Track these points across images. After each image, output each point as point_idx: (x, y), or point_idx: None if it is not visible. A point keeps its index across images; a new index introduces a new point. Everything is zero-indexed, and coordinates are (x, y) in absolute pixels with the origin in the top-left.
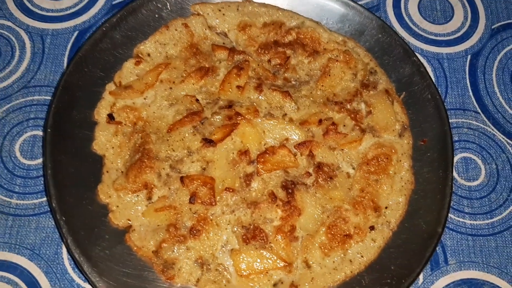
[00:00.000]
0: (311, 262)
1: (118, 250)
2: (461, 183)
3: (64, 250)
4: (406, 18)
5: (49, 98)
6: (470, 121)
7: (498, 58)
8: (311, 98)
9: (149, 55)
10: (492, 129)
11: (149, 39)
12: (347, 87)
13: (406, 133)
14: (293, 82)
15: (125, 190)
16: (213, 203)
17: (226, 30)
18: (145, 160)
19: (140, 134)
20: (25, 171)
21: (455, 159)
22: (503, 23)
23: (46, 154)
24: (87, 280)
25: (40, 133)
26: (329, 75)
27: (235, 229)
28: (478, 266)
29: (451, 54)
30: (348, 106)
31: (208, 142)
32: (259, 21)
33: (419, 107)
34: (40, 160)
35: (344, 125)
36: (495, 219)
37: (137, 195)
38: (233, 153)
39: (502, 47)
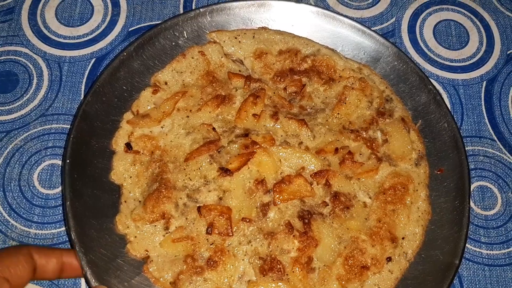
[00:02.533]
0: None
1: (136, 281)
2: (478, 212)
3: (83, 281)
4: (422, 44)
5: (67, 126)
6: (486, 149)
7: None
8: (327, 126)
9: (166, 83)
10: (509, 157)
11: (166, 67)
12: (363, 114)
13: (422, 162)
14: (309, 110)
15: (143, 221)
16: (230, 234)
17: (242, 57)
18: (163, 190)
19: (157, 163)
20: (43, 200)
21: (472, 187)
22: None
23: (65, 185)
24: None
25: (58, 162)
26: (345, 103)
27: (252, 260)
28: None
29: (467, 80)
30: (364, 134)
31: (225, 171)
32: (274, 49)
33: (435, 135)
34: (58, 190)
35: (361, 154)
36: (511, 249)
37: (155, 225)
38: (249, 182)
39: None
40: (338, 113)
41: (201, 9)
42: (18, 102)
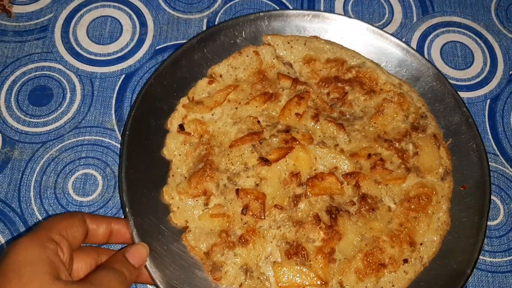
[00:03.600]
0: (345, 285)
1: (174, 247)
2: None
3: None
4: None
5: (99, 138)
6: (490, 163)
7: None
8: (363, 133)
9: (221, 76)
10: (510, 171)
11: (223, 62)
12: (398, 127)
13: (448, 177)
14: (348, 116)
15: (186, 194)
16: (262, 217)
17: (292, 61)
18: (207, 170)
19: (205, 146)
20: (77, 207)
21: None
22: None
23: (122, 155)
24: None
25: (91, 171)
26: (382, 114)
27: (280, 243)
28: None
29: (472, 99)
30: (397, 145)
31: (264, 161)
32: (323, 57)
33: (463, 154)
34: (91, 197)
35: (391, 162)
36: None
37: (196, 200)
38: (285, 174)
39: None
40: (375, 122)
41: (260, 13)
42: (53, 115)
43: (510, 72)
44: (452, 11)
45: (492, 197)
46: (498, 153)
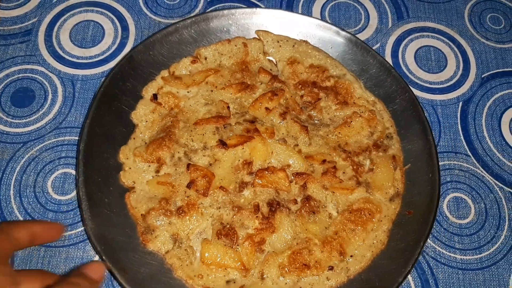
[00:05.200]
0: (266, 276)
1: (116, 202)
2: (453, 221)
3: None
4: (404, 68)
5: (79, 138)
6: (461, 163)
7: (488, 104)
8: (325, 140)
9: (206, 58)
10: (482, 171)
11: (211, 46)
12: (360, 141)
13: (396, 199)
14: (315, 121)
15: (141, 158)
16: (205, 195)
17: (277, 59)
18: (166, 140)
19: (171, 118)
20: (56, 205)
21: (447, 198)
22: (492, 72)
23: (91, 107)
24: (81, 216)
25: (71, 171)
26: (349, 126)
27: (214, 222)
28: None
29: (444, 101)
30: (355, 158)
31: (222, 144)
32: (307, 61)
33: (418, 182)
34: (70, 196)
35: (344, 172)
36: (483, 254)
37: (149, 166)
38: (239, 160)
39: (491, 95)
40: (339, 132)
41: (257, 9)
42: (34, 116)
43: (483, 76)
44: (427, 17)
45: (464, 196)
46: (470, 154)
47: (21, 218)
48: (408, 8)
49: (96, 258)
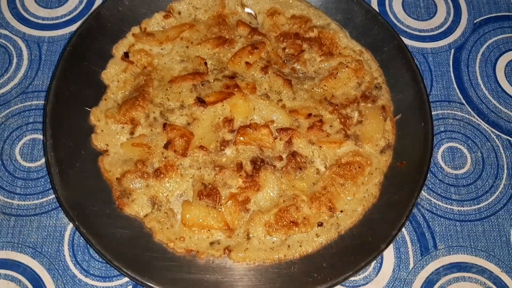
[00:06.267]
0: (251, 235)
1: (88, 166)
2: (448, 172)
3: (66, 247)
4: (391, 15)
5: (45, 101)
6: (455, 112)
7: (481, 51)
8: (310, 93)
9: (179, 13)
10: (477, 119)
11: None
12: (348, 93)
13: (388, 151)
14: (299, 75)
15: (113, 119)
16: (184, 155)
17: (256, 11)
18: (140, 99)
19: (145, 77)
20: (25, 173)
21: (442, 148)
22: (485, 17)
23: (57, 68)
24: (51, 183)
25: (39, 136)
26: (335, 78)
27: (195, 183)
28: (467, 250)
29: (435, 49)
30: (342, 111)
31: (201, 101)
32: (288, 12)
33: (410, 132)
34: (40, 162)
35: (331, 126)
36: (481, 205)
37: (122, 127)
38: (219, 118)
39: (484, 41)
40: (325, 85)
41: None
42: None
43: (475, 21)
44: None
45: (459, 145)
46: (464, 102)
47: None
48: None
49: (70, 225)
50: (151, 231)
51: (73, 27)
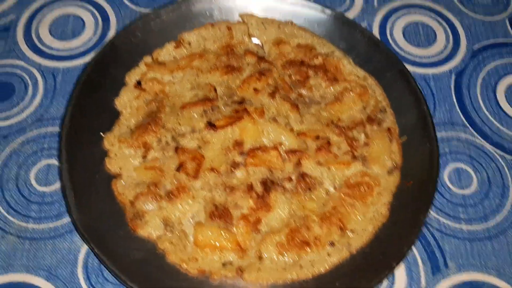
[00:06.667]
0: (264, 255)
1: (102, 190)
2: (455, 192)
3: (80, 270)
4: (393, 44)
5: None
6: (459, 134)
7: (481, 75)
8: (317, 117)
9: (189, 43)
10: (481, 141)
11: (194, 30)
12: (354, 116)
13: (395, 172)
14: (306, 100)
15: (127, 143)
16: (196, 177)
17: (263, 41)
18: (152, 124)
19: (157, 104)
20: (40, 197)
21: (447, 169)
22: (482, 44)
23: (72, 94)
24: (66, 206)
25: (54, 162)
26: (341, 102)
27: (206, 205)
28: (477, 269)
29: (437, 74)
30: (348, 133)
31: (211, 125)
32: (294, 41)
33: (416, 153)
34: (54, 187)
35: (339, 148)
36: (490, 224)
37: (135, 151)
38: (229, 141)
39: (484, 66)
40: (331, 109)
41: None
42: (15, 109)
43: (474, 48)
44: None
45: (464, 166)
46: (467, 124)
47: (3, 212)
48: None
49: (84, 248)
50: (164, 252)
51: (87, 58)
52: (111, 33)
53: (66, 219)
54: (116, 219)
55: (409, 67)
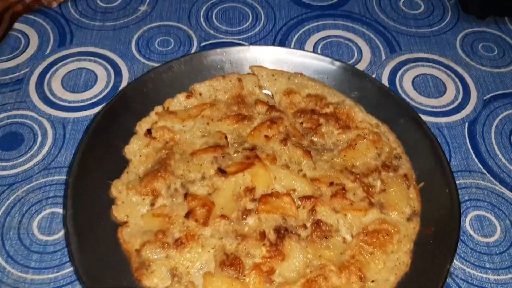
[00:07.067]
0: None
1: (107, 237)
2: (479, 240)
3: None
4: (402, 94)
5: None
6: (478, 181)
7: (494, 124)
8: (330, 164)
9: (200, 94)
10: (500, 188)
11: (206, 82)
12: (368, 163)
13: (415, 218)
14: (318, 147)
15: (135, 190)
16: (206, 224)
17: (273, 92)
18: (161, 171)
19: (167, 151)
20: (42, 246)
21: (469, 217)
22: (493, 94)
23: (82, 141)
24: (69, 255)
25: (59, 210)
26: (354, 149)
27: (217, 253)
28: None
29: (450, 123)
30: (364, 179)
31: (222, 172)
32: (304, 91)
33: (435, 199)
34: (57, 236)
35: (354, 194)
36: None
37: (143, 198)
38: (240, 187)
39: (496, 115)
40: (344, 155)
41: (251, 46)
42: (22, 158)
43: (484, 98)
44: (419, 49)
45: (486, 213)
46: (485, 172)
47: (2, 262)
48: (399, 42)
49: None
50: None
51: (98, 109)
52: (123, 85)
53: (67, 270)
54: (120, 269)
55: (422, 116)
